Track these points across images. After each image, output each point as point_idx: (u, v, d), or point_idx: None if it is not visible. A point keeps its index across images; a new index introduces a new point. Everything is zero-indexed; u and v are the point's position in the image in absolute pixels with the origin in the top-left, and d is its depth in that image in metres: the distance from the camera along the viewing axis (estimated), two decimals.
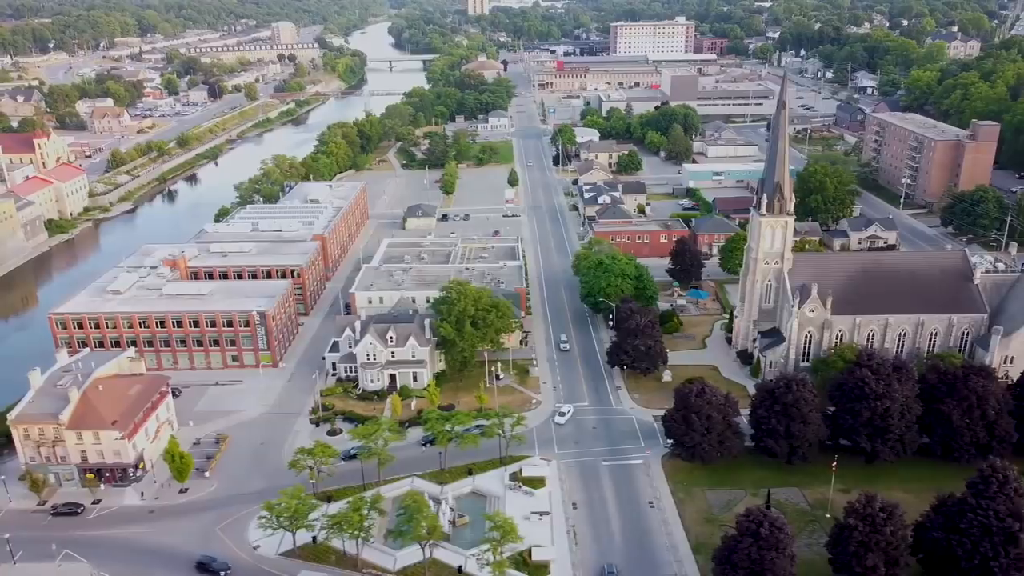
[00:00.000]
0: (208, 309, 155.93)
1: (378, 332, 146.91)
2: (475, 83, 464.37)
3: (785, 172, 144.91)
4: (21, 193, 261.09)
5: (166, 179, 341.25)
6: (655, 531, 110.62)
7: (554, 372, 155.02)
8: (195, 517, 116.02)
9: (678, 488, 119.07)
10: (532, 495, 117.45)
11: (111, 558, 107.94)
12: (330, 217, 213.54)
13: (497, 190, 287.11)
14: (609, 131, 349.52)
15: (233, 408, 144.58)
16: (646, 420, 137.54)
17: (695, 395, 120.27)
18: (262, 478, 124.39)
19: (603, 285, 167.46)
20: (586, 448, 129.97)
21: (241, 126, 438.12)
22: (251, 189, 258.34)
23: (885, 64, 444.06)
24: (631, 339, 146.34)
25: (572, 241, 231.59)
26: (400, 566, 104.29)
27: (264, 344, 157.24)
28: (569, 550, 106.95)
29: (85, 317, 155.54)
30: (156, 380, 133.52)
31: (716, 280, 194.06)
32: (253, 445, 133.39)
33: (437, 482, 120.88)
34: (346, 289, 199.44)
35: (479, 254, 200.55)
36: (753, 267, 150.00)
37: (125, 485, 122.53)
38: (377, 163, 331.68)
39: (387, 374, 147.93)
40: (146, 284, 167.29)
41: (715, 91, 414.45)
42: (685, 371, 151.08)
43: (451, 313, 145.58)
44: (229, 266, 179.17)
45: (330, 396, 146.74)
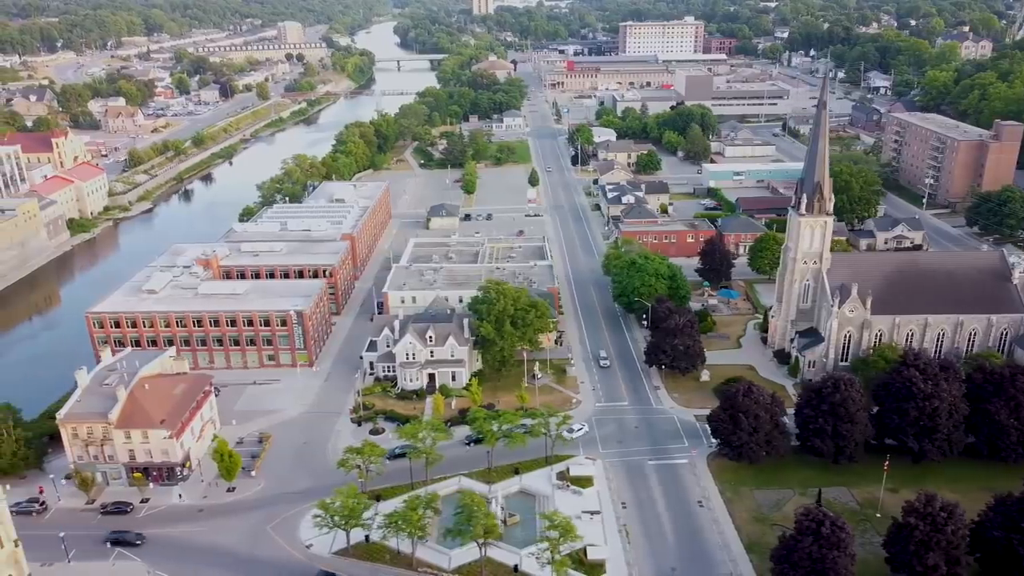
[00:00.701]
0: (245, 308, 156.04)
1: (417, 332, 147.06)
2: (487, 83, 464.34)
3: (825, 172, 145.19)
4: (43, 192, 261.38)
5: (183, 178, 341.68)
6: (706, 530, 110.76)
7: (591, 372, 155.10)
8: (244, 516, 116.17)
9: (726, 488, 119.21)
10: (581, 494, 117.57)
11: (163, 557, 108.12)
12: (357, 216, 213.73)
13: (517, 190, 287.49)
14: (625, 131, 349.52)
15: (272, 407, 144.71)
16: (687, 419, 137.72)
17: (742, 395, 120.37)
18: (308, 477, 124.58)
19: (637, 285, 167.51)
20: (630, 448, 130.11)
21: (254, 125, 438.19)
22: (273, 188, 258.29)
23: (898, 64, 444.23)
24: (670, 338, 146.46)
25: (597, 241, 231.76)
26: (455, 565, 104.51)
27: (301, 343, 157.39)
28: (623, 549, 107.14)
29: (122, 316, 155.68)
30: (200, 379, 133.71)
31: (745, 280, 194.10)
32: (296, 444, 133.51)
33: (484, 481, 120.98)
34: (375, 289, 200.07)
35: (507, 254, 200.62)
36: (791, 267, 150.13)
37: (172, 484, 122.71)
38: (395, 162, 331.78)
39: (426, 373, 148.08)
40: (181, 283, 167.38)
41: (729, 91, 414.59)
42: (722, 371, 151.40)
43: (490, 313, 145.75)
44: (261, 265, 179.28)
45: (369, 395, 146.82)
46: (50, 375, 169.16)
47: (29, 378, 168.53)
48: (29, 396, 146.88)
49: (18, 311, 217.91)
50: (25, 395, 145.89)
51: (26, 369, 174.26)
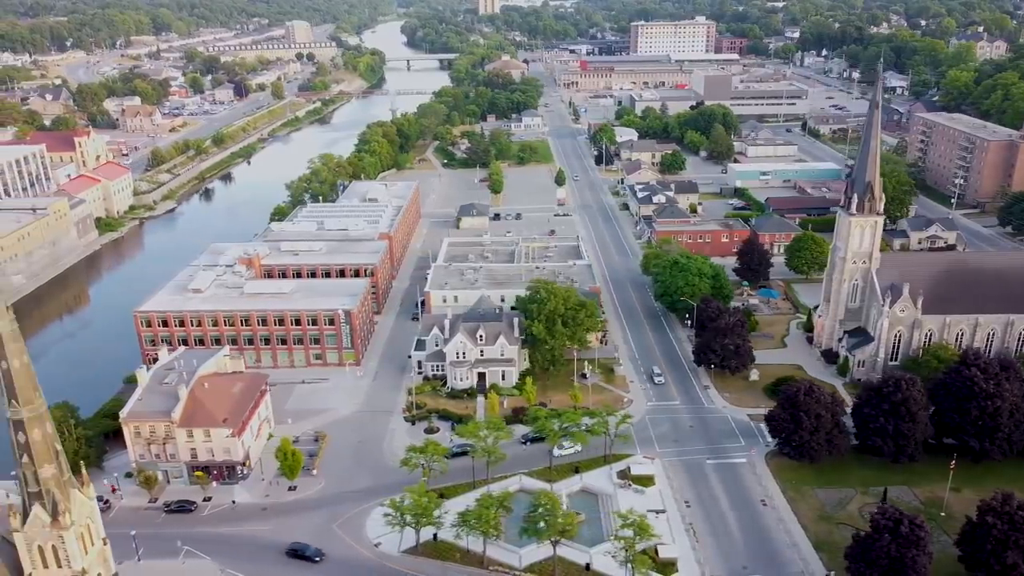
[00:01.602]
0: (294, 307, 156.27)
1: (468, 331, 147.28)
2: (503, 82, 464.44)
3: (876, 172, 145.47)
4: (71, 191, 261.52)
5: (204, 177, 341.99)
6: (773, 529, 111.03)
7: (639, 371, 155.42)
8: (308, 515, 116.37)
9: (788, 487, 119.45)
10: (643, 493, 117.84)
11: (232, 555, 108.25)
12: (392, 216, 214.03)
13: (542, 189, 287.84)
14: (646, 131, 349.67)
15: (324, 406, 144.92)
16: (740, 419, 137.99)
17: (803, 394, 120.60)
18: (367, 476, 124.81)
19: (680, 284, 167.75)
20: (687, 447, 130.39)
21: (271, 124, 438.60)
22: (302, 188, 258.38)
23: (915, 64, 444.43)
24: (720, 338, 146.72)
25: (629, 240, 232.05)
26: (526, 563, 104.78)
27: (348, 342, 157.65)
28: (691, 548, 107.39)
29: (170, 315, 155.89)
30: (257, 378, 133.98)
31: (784, 279, 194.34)
32: (351, 443, 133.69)
33: (545, 480, 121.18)
34: (412, 288, 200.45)
35: (543, 253, 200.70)
36: (841, 267, 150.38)
37: (233, 483, 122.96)
38: (417, 162, 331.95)
39: (476, 372, 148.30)
40: (225, 282, 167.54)
41: (748, 91, 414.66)
42: (769, 370, 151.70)
43: (541, 312, 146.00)
44: (302, 265, 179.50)
45: (419, 395, 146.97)
46: (93, 374, 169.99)
47: (73, 377, 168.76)
48: (76, 395, 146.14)
49: (54, 310, 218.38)
50: (73, 394, 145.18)
51: (68, 368, 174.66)
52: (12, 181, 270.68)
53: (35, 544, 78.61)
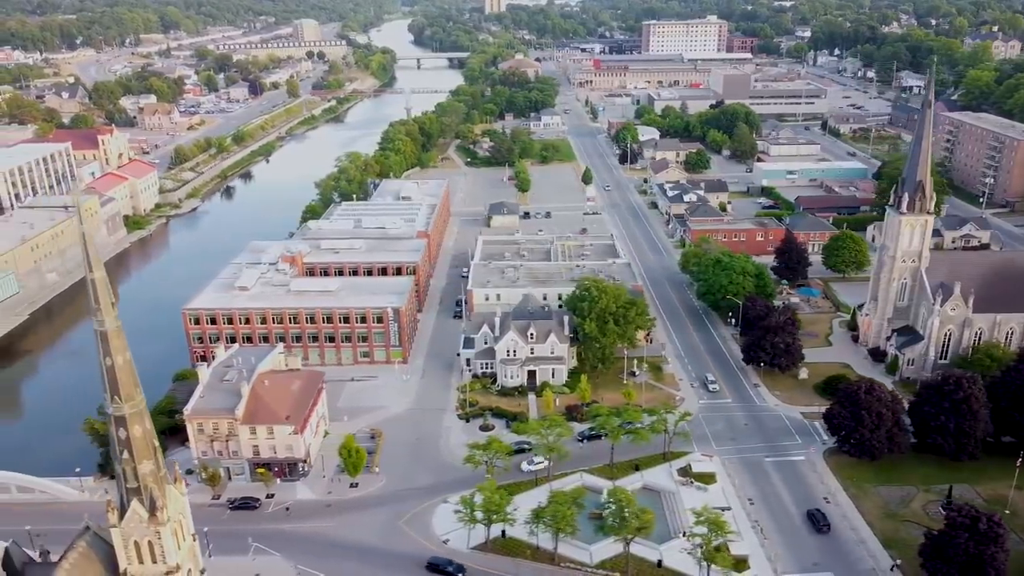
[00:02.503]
0: (342, 305, 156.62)
1: (519, 329, 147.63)
2: (519, 81, 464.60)
3: (927, 171, 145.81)
4: (99, 189, 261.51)
5: (227, 176, 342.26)
6: (838, 526, 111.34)
7: (687, 369, 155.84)
8: (372, 511, 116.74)
9: (849, 484, 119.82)
10: (706, 491, 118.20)
11: (302, 552, 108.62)
12: (427, 214, 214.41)
13: (568, 188, 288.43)
14: (667, 130, 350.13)
15: (376, 404, 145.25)
16: (794, 417, 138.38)
17: (864, 391, 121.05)
18: (428, 473, 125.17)
19: (724, 283, 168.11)
20: (744, 444, 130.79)
21: (288, 123, 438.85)
22: (331, 186, 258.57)
23: (932, 64, 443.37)
24: (770, 336, 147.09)
25: (661, 238, 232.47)
26: (597, 560, 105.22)
27: (396, 340, 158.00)
28: (760, 544, 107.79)
29: (219, 313, 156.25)
30: (314, 375, 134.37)
31: (821, 278, 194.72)
32: (408, 441, 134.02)
33: (607, 477, 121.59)
34: (450, 286, 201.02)
35: (579, 251, 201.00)
36: (890, 265, 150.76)
37: (295, 480, 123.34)
38: (440, 161, 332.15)
39: (526, 370, 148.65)
40: (270, 280, 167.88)
41: (766, 90, 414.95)
42: (817, 369, 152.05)
43: (592, 310, 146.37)
44: (344, 263, 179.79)
45: (469, 392, 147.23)
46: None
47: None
48: None
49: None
50: None
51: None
52: (39, 179, 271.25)
53: (132, 540, 78.86)
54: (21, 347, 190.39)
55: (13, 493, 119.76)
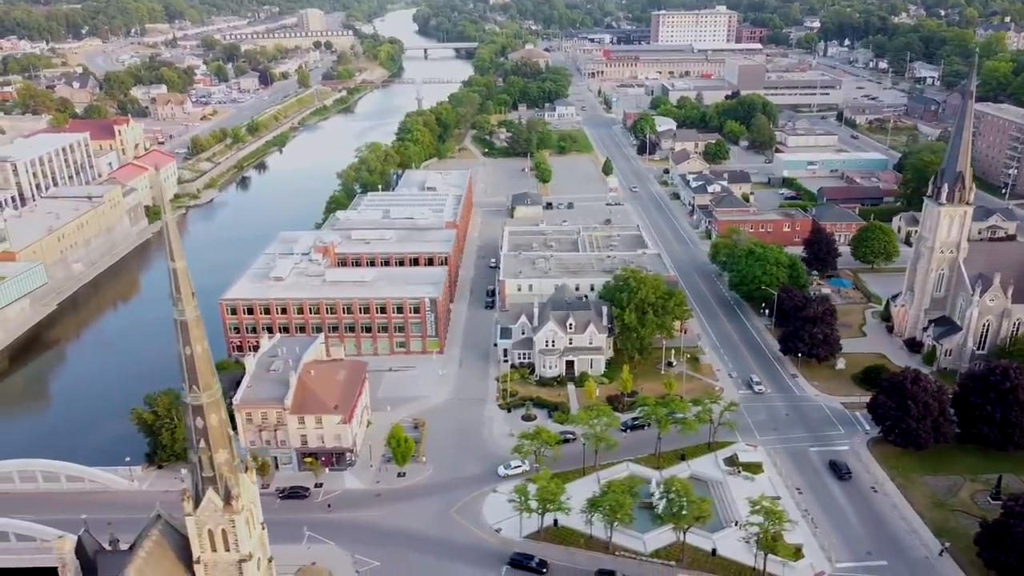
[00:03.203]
0: (379, 295, 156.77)
1: (558, 319, 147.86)
2: (531, 71, 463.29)
3: (967, 162, 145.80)
4: (121, 179, 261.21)
5: (243, 166, 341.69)
6: (888, 515, 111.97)
7: (723, 360, 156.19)
8: (422, 501, 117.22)
9: (895, 474, 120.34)
10: (753, 480, 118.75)
11: (355, 540, 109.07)
12: (454, 205, 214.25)
13: (588, 178, 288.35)
14: (683, 120, 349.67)
15: (416, 394, 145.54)
16: (835, 407, 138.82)
17: (910, 382, 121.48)
18: (474, 463, 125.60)
19: (758, 273, 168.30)
20: (787, 435, 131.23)
21: (301, 113, 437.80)
22: (352, 177, 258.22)
23: (946, 54, 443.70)
24: (809, 327, 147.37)
25: (686, 229, 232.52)
26: (651, 549, 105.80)
27: (432, 330, 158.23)
28: (811, 534, 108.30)
29: (256, 303, 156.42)
30: (358, 365, 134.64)
31: (850, 269, 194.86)
32: (451, 430, 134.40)
33: (653, 467, 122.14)
34: (478, 277, 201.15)
35: (607, 242, 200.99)
36: (928, 256, 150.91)
37: (342, 469, 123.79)
38: (457, 151, 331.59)
39: (565, 361, 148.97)
40: (305, 271, 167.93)
41: (781, 80, 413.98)
42: (854, 359, 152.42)
43: (631, 301, 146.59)
44: (376, 253, 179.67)
45: (504, 383, 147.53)
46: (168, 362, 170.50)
47: (150, 365, 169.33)
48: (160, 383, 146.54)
49: (116, 297, 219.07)
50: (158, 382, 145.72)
51: (143, 356, 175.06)
52: (59, 169, 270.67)
53: (206, 528, 79.22)
54: (51, 337, 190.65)
55: (63, 483, 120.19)
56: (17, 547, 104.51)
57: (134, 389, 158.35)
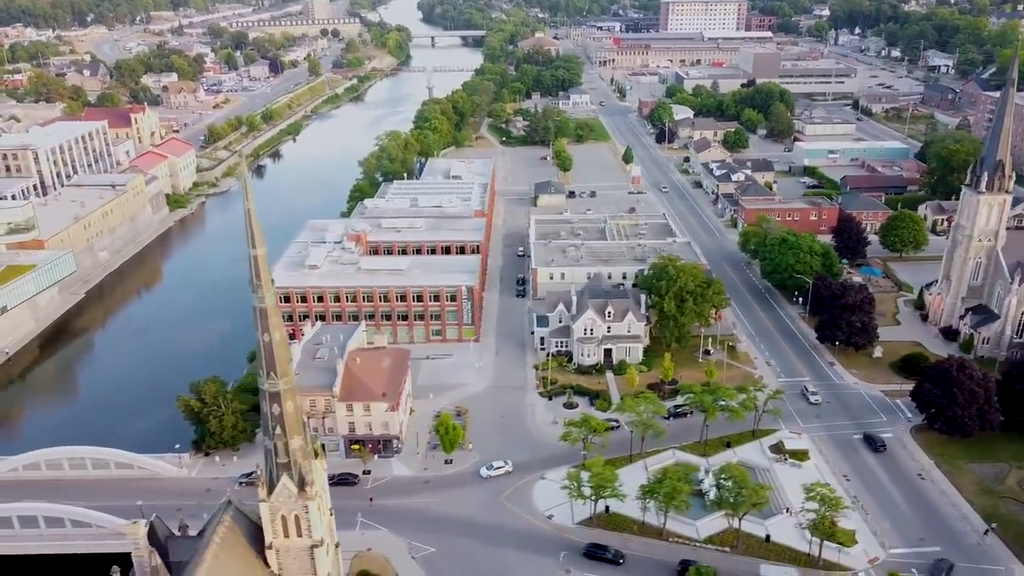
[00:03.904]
0: (416, 283, 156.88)
1: (597, 307, 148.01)
2: (543, 59, 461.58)
3: (1007, 150, 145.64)
4: (141, 167, 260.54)
5: (258, 154, 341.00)
6: (938, 502, 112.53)
7: (759, 348, 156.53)
8: (471, 488, 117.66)
9: (941, 461, 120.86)
10: (800, 467, 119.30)
11: (407, 527, 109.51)
12: (481, 193, 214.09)
13: (606, 167, 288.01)
14: (699, 109, 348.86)
15: (455, 382, 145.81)
16: (875, 395, 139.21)
17: (956, 369, 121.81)
18: (520, 450, 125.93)
19: (791, 262, 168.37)
20: (830, 422, 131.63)
21: (313, 102, 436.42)
22: (374, 165, 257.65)
23: (960, 43, 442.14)
24: (847, 315, 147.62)
25: (711, 218, 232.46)
26: (704, 535, 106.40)
27: (469, 319, 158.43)
28: (863, 521, 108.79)
29: (293, 291, 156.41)
30: (401, 353, 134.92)
31: (879, 258, 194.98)
32: (494, 418, 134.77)
33: (700, 454, 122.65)
34: (507, 265, 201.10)
35: (635, 231, 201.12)
36: (965, 244, 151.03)
37: (389, 456, 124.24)
38: (474, 139, 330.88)
39: (603, 349, 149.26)
40: (339, 259, 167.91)
41: (796, 69, 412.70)
42: (889, 347, 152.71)
43: (670, 289, 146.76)
44: (408, 241, 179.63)
45: (546, 370, 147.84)
46: (203, 350, 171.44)
47: (189, 354, 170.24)
48: (201, 371, 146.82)
49: (143, 286, 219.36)
50: (198, 370, 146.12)
51: (180, 346, 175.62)
52: (79, 157, 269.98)
53: (279, 514, 79.61)
54: (80, 325, 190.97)
55: (112, 469, 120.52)
56: (73, 533, 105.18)
57: (168, 377, 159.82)
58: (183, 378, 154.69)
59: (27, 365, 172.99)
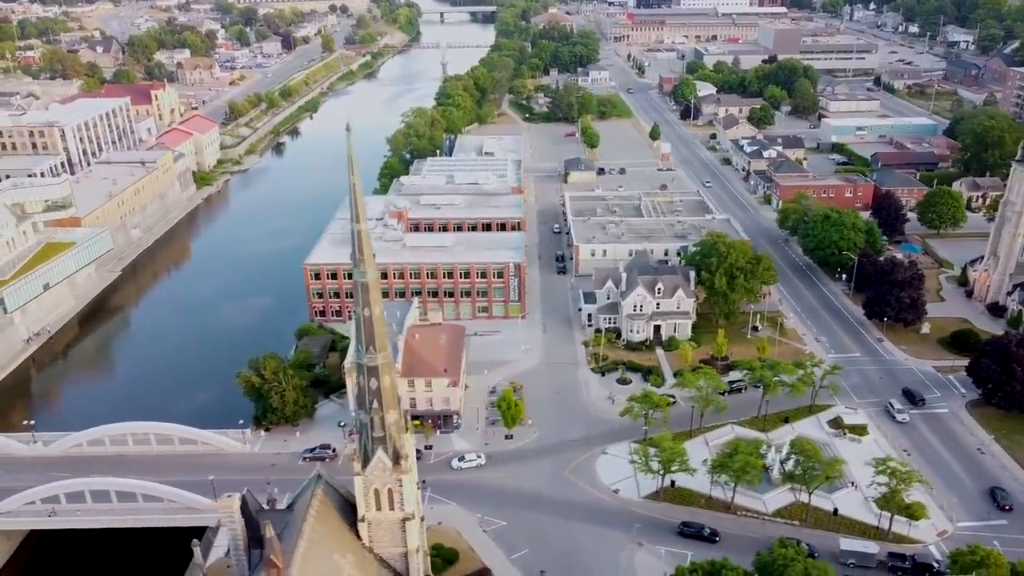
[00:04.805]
0: (462, 260, 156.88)
1: (647, 284, 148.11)
2: (560, 35, 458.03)
3: None
4: (168, 144, 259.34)
5: (279, 131, 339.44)
6: (1000, 476, 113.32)
7: (806, 324, 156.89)
8: (534, 462, 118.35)
9: (999, 436, 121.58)
10: (860, 442, 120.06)
11: (474, 501, 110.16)
12: (515, 170, 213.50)
13: (632, 144, 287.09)
14: (721, 85, 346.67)
15: (506, 358, 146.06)
16: (926, 370, 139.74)
17: (1015, 345, 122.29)
18: (578, 425, 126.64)
19: (835, 239, 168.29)
20: (884, 398, 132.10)
21: (329, 78, 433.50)
22: (402, 142, 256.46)
23: (981, 18, 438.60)
24: (896, 291, 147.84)
25: (743, 194, 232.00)
26: (772, 508, 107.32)
27: (515, 295, 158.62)
28: (928, 494, 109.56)
29: (340, 268, 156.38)
30: (457, 329, 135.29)
31: (917, 235, 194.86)
32: (548, 394, 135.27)
33: (759, 429, 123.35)
34: (543, 242, 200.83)
35: (670, 207, 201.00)
36: (1015, 220, 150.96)
37: (449, 432, 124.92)
38: (496, 116, 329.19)
39: (652, 325, 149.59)
40: (383, 236, 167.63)
41: (816, 45, 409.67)
42: (936, 323, 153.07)
43: (720, 265, 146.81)
44: (448, 218, 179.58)
45: (596, 347, 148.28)
46: (245, 327, 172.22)
47: (234, 331, 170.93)
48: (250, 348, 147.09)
49: (175, 263, 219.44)
50: (249, 347, 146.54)
51: (223, 322, 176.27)
52: (103, 134, 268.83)
53: (372, 488, 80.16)
54: (117, 303, 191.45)
55: (176, 445, 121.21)
56: (145, 507, 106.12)
57: (212, 354, 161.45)
58: (228, 355, 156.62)
59: (68, 342, 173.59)
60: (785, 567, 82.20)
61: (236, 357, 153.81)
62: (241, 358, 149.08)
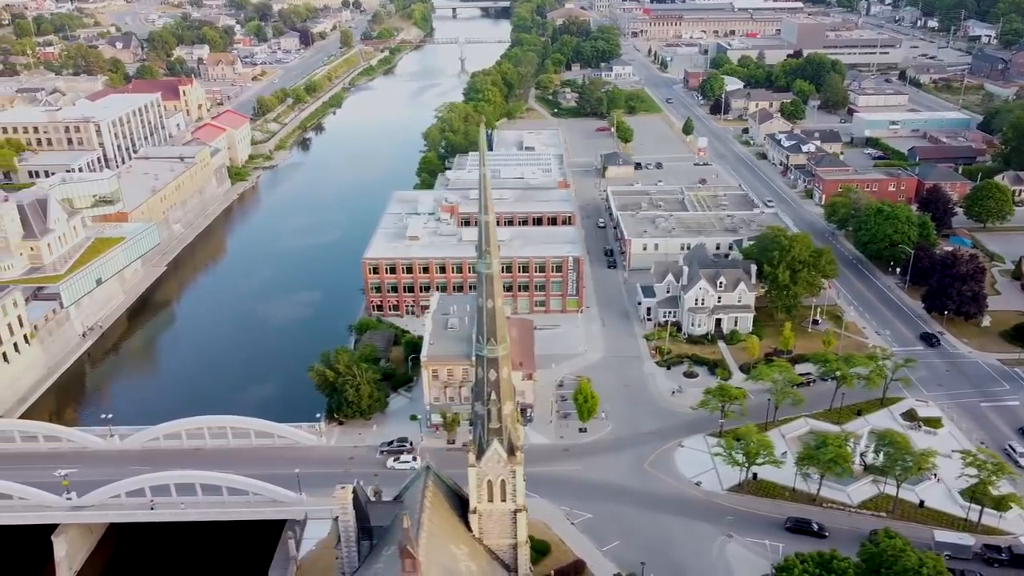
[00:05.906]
0: (520, 254, 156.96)
1: (709, 277, 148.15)
2: (580, 30, 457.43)
3: None
4: (203, 139, 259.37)
5: (305, 127, 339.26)
6: None
7: (865, 318, 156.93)
8: (612, 455, 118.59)
9: None
10: (935, 434, 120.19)
11: (557, 494, 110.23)
12: (558, 164, 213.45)
13: (664, 138, 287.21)
14: (747, 80, 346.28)
15: (569, 352, 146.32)
16: (991, 363, 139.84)
17: None
18: (650, 418, 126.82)
19: (889, 232, 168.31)
20: (953, 390, 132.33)
21: (350, 74, 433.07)
22: (438, 137, 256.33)
23: (1004, 12, 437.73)
24: (958, 284, 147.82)
25: (783, 189, 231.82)
26: (857, 500, 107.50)
27: (574, 289, 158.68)
28: (1011, 486, 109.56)
29: (399, 262, 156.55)
30: (525, 323, 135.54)
31: (964, 228, 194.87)
32: (616, 387, 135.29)
33: (833, 422, 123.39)
34: (588, 236, 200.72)
35: (715, 201, 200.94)
36: None
37: (523, 424, 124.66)
38: (525, 111, 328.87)
39: (714, 319, 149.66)
40: (438, 230, 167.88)
41: (840, 39, 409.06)
42: (997, 317, 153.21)
43: (783, 259, 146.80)
44: (500, 213, 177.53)
45: (657, 341, 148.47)
46: (299, 322, 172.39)
47: (291, 326, 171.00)
48: (315, 343, 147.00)
49: (216, 258, 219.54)
50: (314, 343, 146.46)
51: (279, 316, 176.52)
52: (136, 130, 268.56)
53: (486, 479, 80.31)
54: (165, 298, 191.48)
55: (252, 439, 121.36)
56: (230, 500, 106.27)
57: (268, 349, 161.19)
58: (283, 349, 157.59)
59: (120, 337, 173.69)
60: (896, 559, 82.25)
61: (292, 351, 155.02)
62: (296, 352, 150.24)
